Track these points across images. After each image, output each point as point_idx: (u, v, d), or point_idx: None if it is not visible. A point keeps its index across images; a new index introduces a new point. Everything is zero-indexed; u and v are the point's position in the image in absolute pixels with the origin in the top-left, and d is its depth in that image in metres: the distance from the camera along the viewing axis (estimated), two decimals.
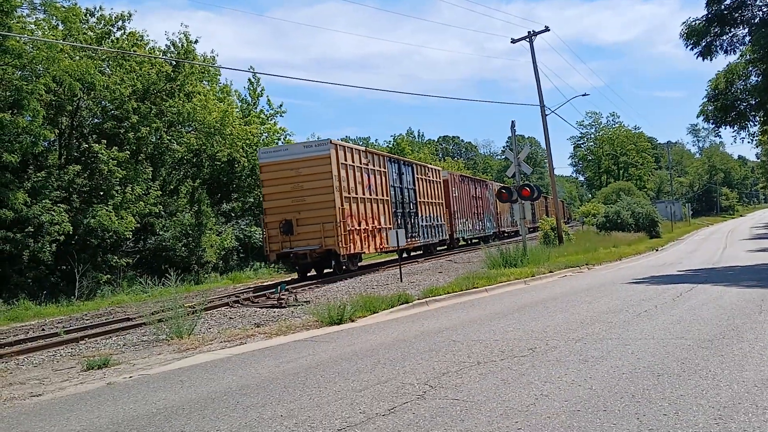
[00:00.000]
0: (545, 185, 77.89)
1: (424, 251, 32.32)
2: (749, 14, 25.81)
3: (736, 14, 25.66)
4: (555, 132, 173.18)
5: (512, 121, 27.21)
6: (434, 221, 31.88)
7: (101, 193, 25.78)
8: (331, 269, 23.36)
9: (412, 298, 13.85)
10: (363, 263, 28.92)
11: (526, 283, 17.17)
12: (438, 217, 32.57)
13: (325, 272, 23.97)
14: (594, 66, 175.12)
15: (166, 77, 29.66)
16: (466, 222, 38.18)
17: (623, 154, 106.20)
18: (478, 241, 40.63)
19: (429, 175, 32.01)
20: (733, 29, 26.22)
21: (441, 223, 32.94)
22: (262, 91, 41.97)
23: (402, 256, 29.77)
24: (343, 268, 22.71)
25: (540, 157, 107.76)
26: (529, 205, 25.64)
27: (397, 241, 19.85)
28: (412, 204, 28.91)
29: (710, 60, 26.86)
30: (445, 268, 23.94)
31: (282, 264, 27.23)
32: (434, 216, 31.96)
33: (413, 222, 28.66)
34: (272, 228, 22.34)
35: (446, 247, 35.63)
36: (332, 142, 22.16)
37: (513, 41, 32.32)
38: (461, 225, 36.97)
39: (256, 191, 33.72)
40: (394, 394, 6.11)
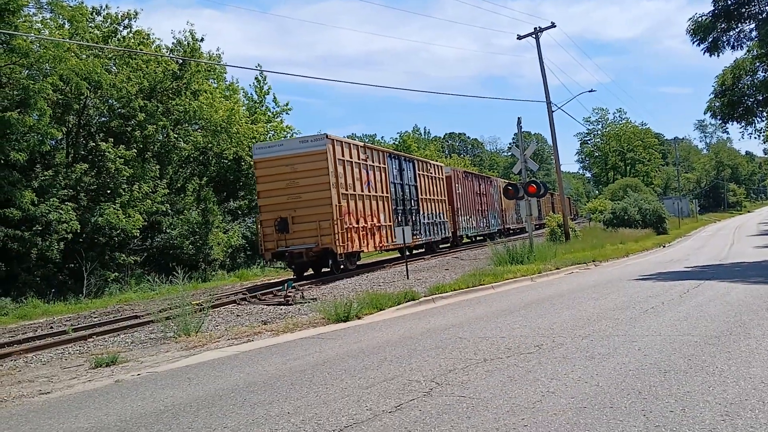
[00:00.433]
0: (552, 182, 77.70)
1: (426, 249, 31.60)
2: (756, 9, 25.69)
3: (743, 9, 25.55)
4: (561, 128, 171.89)
5: (518, 118, 27.19)
6: (436, 218, 31.20)
7: (108, 191, 25.87)
8: (329, 268, 22.72)
9: (419, 295, 13.86)
10: (362, 261, 28.44)
11: (533, 280, 17.16)
12: (440, 214, 31.93)
13: (323, 271, 23.30)
14: (600, 62, 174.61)
15: (173, 75, 29.77)
16: (470, 219, 37.49)
17: (630, 151, 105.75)
18: (483, 238, 39.62)
19: (431, 171, 31.36)
20: (739, 24, 26.12)
21: (443, 220, 32.31)
22: (268, 89, 42.12)
23: (405, 254, 29.74)
24: (341, 267, 22.09)
25: (547, 154, 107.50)
26: (535, 202, 25.59)
27: (403, 238, 19.89)
28: (413, 201, 28.28)
29: (717, 56, 26.82)
30: (452, 265, 23.96)
31: (278, 263, 26.55)
32: (436, 213, 31.30)
33: (415, 219, 27.97)
34: (267, 226, 21.65)
35: (449, 245, 35.10)
36: (329, 137, 21.41)
37: (519, 38, 32.29)
38: (465, 222, 36.27)
39: None
40: (401, 391, 6.12)
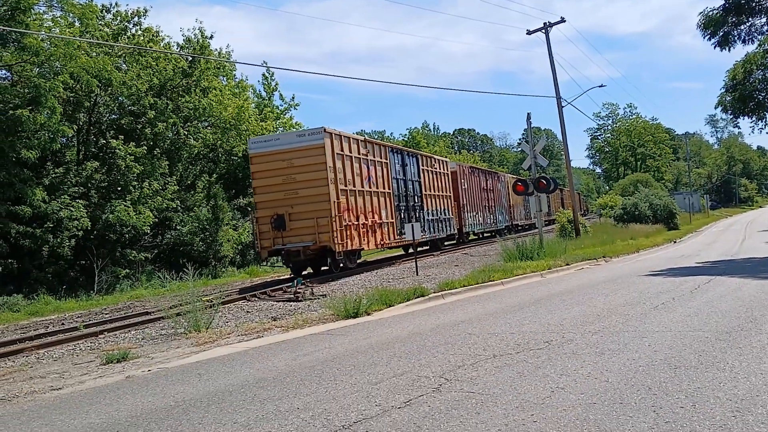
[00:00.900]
0: (562, 177, 77.45)
1: (431, 246, 31.04)
2: (767, 3, 25.45)
3: (754, 3, 25.28)
4: (572, 124, 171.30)
5: (528, 114, 27.10)
6: (441, 215, 30.48)
7: (119, 188, 26.02)
8: (328, 267, 22.05)
9: (428, 292, 13.84)
10: (365, 259, 28.21)
11: (543, 276, 17.11)
12: (445, 210, 31.20)
13: (322, 270, 22.59)
14: (611, 57, 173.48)
15: (183, 73, 29.87)
16: (477, 215, 36.72)
17: (641, 146, 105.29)
18: (490, 234, 39.61)
19: (435, 166, 30.61)
20: (751, 18, 25.85)
21: (449, 216, 31.60)
22: (276, 86, 42.17)
23: (410, 251, 29.40)
24: (340, 265, 21.37)
25: (557, 150, 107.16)
26: (545, 198, 25.51)
27: (413, 235, 19.92)
28: (416, 197, 27.59)
29: (728, 50, 26.51)
30: (461, 261, 23.93)
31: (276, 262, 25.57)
32: (441, 209, 30.56)
33: (418, 216, 27.22)
34: (263, 223, 20.94)
35: (455, 241, 34.50)
36: (327, 131, 20.56)
37: (529, 33, 32.15)
38: (471, 218, 35.54)
39: None
40: (410, 387, 6.12)
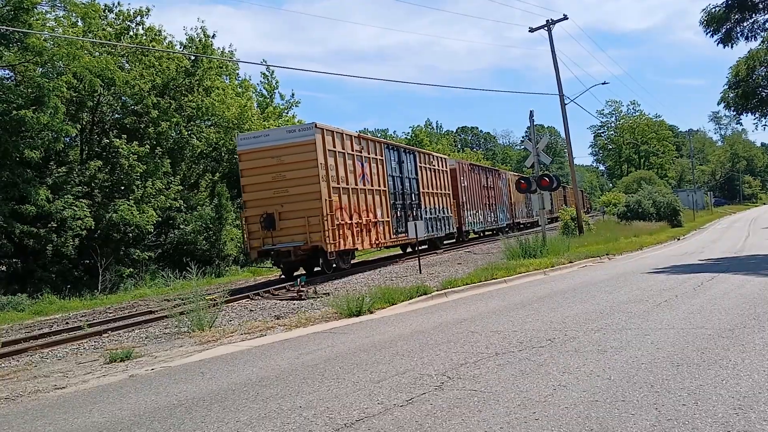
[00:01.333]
0: (565, 175, 77.36)
1: (429, 246, 30.17)
2: None
3: (757, 0, 25.26)
4: (575, 121, 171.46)
5: (531, 111, 27.05)
6: (440, 213, 29.78)
7: (122, 187, 26.07)
8: (320, 268, 21.20)
9: (431, 290, 13.85)
10: (362, 259, 27.88)
11: (546, 274, 17.11)
12: (444, 208, 30.48)
13: (315, 271, 21.84)
14: (614, 54, 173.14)
15: (185, 72, 29.90)
16: (477, 213, 35.93)
17: (644, 143, 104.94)
18: (491, 233, 39.26)
19: (434, 163, 29.85)
20: (753, 15, 25.81)
21: (448, 215, 30.92)
22: (277, 84, 42.30)
23: (408, 251, 29.27)
24: (333, 266, 20.60)
25: (560, 147, 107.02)
26: (548, 195, 25.49)
27: (416, 233, 19.89)
28: (414, 195, 26.89)
29: (731, 47, 26.48)
30: (464, 259, 23.94)
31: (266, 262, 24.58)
32: (440, 208, 29.85)
33: (416, 214, 26.44)
34: (253, 223, 20.27)
35: (454, 240, 33.79)
36: (317, 126, 19.89)
37: (531, 30, 32.13)
38: (471, 217, 34.80)
39: None
40: (412, 385, 6.13)
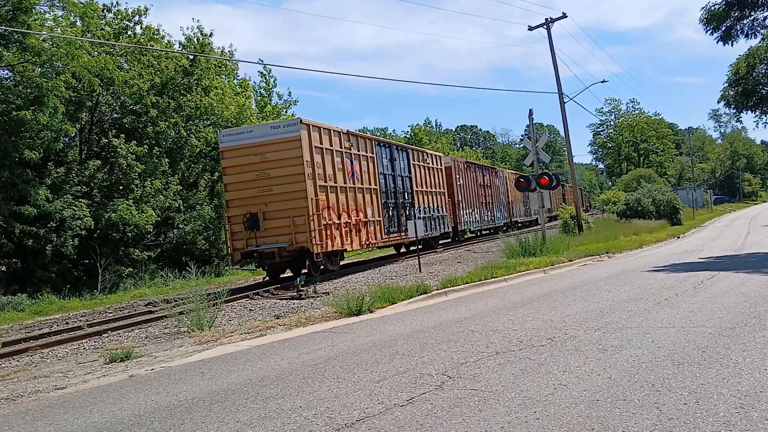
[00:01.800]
0: (564, 173, 77.40)
1: (424, 245, 28.24)
2: None
3: None
4: (574, 120, 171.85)
5: (530, 110, 27.05)
6: (434, 212, 28.98)
7: (121, 187, 26.04)
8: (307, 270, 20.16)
9: (431, 289, 13.85)
10: (354, 260, 27.59)
11: (546, 272, 17.11)
12: (439, 207, 29.66)
13: (303, 273, 20.37)
14: (613, 52, 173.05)
15: (184, 71, 29.85)
16: (473, 212, 35.22)
17: (643, 141, 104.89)
18: (488, 232, 38.95)
19: (428, 161, 29.10)
20: (753, 12, 25.81)
21: (443, 214, 30.10)
22: (275, 82, 42.33)
23: (401, 251, 29.13)
24: (320, 268, 19.70)
25: (559, 145, 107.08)
26: (548, 194, 25.50)
27: (415, 232, 19.88)
28: (407, 194, 26.05)
29: (731, 44, 26.49)
30: (464, 258, 23.94)
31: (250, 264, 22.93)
32: (434, 207, 29.07)
33: (409, 213, 25.60)
34: (236, 223, 19.41)
35: (450, 240, 33.05)
36: (303, 122, 19.11)
37: (530, 28, 32.15)
38: (467, 216, 34.04)
39: None
40: (413, 385, 6.12)
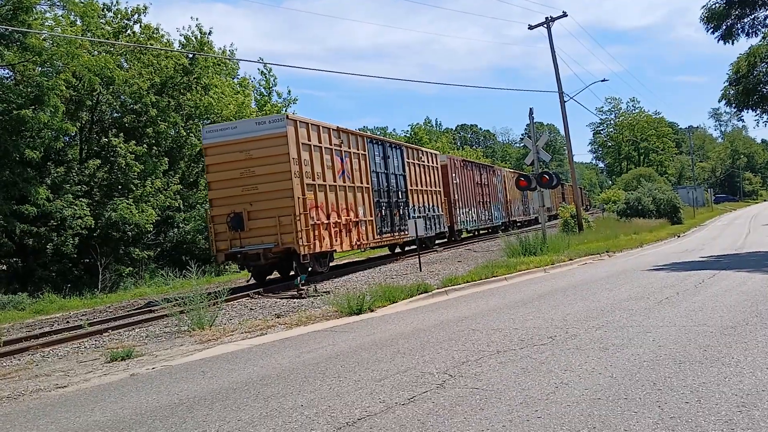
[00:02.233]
0: (565, 172, 77.38)
1: (418, 246, 28.88)
2: None
3: None
4: (574, 119, 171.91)
5: (530, 109, 27.03)
6: (430, 212, 28.17)
7: (120, 186, 26.05)
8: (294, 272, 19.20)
9: (432, 288, 13.84)
10: (346, 260, 27.22)
11: (546, 271, 17.11)
12: (434, 207, 28.91)
13: (291, 275, 19.77)
14: (614, 51, 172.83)
15: (183, 70, 29.84)
16: (470, 212, 34.48)
17: (644, 140, 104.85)
18: (486, 231, 38.66)
19: (423, 159, 28.23)
20: (754, 11, 25.74)
21: (438, 213, 29.30)
22: (275, 81, 42.39)
23: (396, 251, 28.67)
24: (308, 269, 18.70)
25: (559, 145, 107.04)
26: (548, 193, 25.49)
27: (416, 232, 19.88)
28: (400, 192, 25.29)
29: (731, 43, 26.39)
30: (464, 257, 23.94)
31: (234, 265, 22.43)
32: (429, 206, 28.26)
33: (402, 213, 24.92)
34: (219, 223, 18.52)
35: (446, 240, 32.36)
36: (290, 118, 18.32)
37: (530, 27, 32.10)
38: (463, 215, 33.31)
39: None
40: (414, 384, 6.12)
